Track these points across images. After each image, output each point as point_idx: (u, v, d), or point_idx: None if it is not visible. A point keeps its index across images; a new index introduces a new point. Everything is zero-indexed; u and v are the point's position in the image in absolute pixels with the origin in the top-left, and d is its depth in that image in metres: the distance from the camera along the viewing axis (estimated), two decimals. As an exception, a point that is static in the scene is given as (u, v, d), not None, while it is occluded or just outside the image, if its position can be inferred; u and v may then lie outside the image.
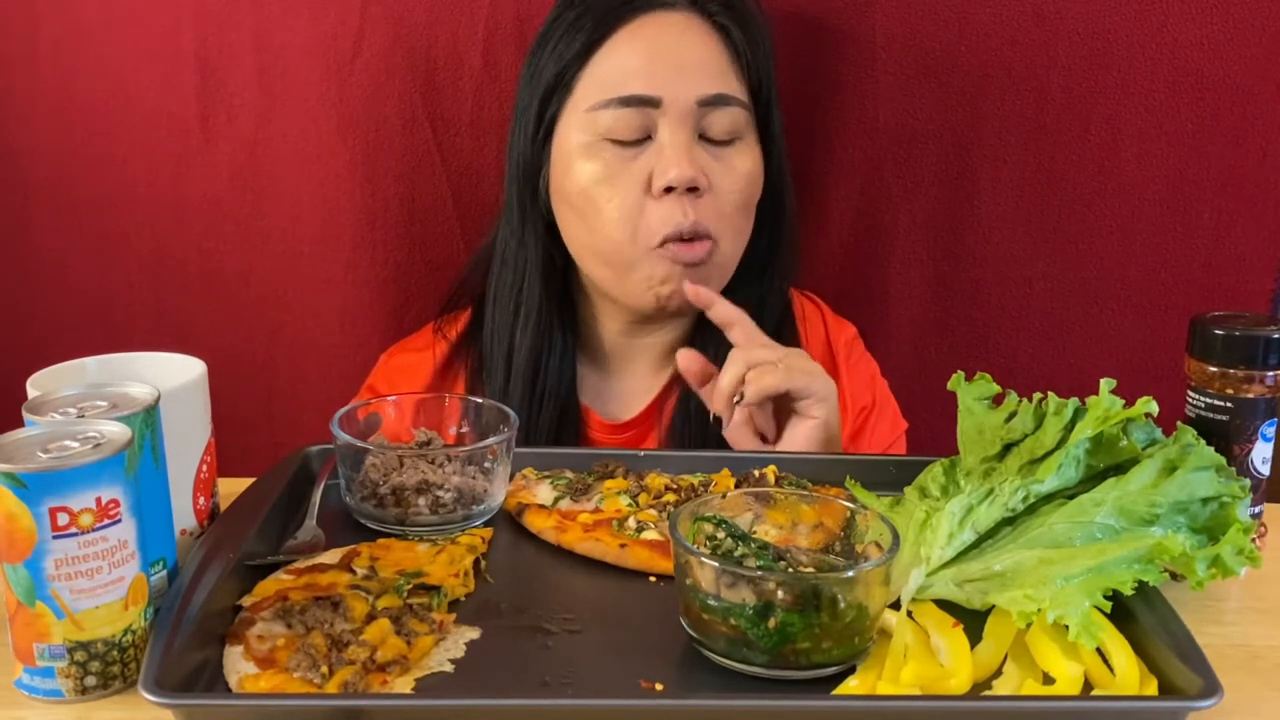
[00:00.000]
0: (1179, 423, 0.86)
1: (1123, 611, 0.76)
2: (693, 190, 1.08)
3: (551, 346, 1.19)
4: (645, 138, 1.10)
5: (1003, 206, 1.37)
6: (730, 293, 1.18)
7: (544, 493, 0.95)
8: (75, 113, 1.37)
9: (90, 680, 0.70)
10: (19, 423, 0.74)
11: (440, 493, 0.90)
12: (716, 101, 1.10)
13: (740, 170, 1.12)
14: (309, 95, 1.36)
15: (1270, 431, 0.87)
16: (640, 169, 1.09)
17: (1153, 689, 0.72)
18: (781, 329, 1.23)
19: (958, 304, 1.41)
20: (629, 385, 1.24)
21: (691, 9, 1.12)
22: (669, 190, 1.08)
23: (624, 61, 1.10)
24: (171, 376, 0.84)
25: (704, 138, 1.11)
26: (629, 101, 1.08)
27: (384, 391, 1.22)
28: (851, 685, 0.72)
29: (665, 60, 1.10)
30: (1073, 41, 1.31)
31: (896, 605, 0.78)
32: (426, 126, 1.37)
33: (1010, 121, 1.35)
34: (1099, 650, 0.74)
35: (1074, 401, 0.85)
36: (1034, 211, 1.37)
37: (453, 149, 1.38)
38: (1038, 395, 0.87)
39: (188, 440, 0.84)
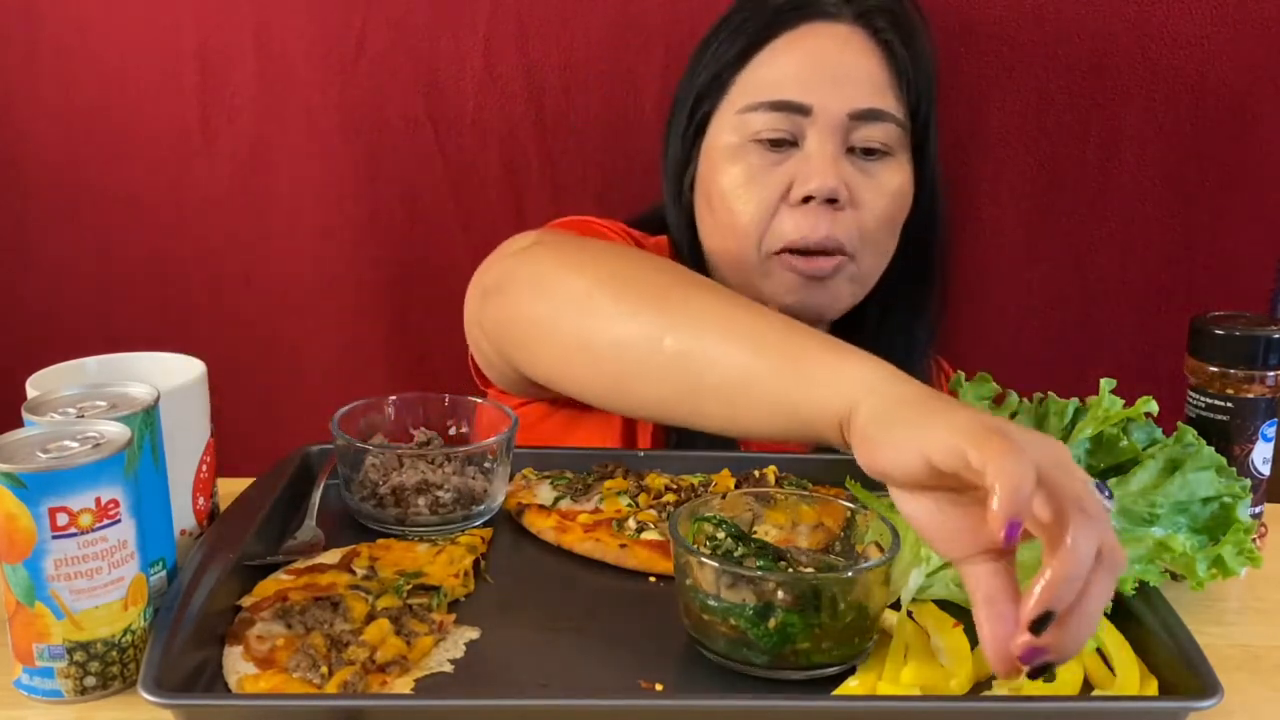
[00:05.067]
0: (1179, 423, 0.86)
1: (1123, 612, 0.76)
2: (831, 202, 1.06)
3: None
4: (793, 145, 1.09)
5: (1003, 207, 1.37)
6: (877, 318, 1.17)
7: (544, 493, 0.95)
8: (75, 113, 1.37)
9: (90, 680, 0.70)
10: (19, 423, 0.74)
11: (440, 493, 0.90)
12: (868, 116, 1.08)
13: (888, 187, 1.10)
14: (310, 96, 1.36)
15: (1270, 431, 0.87)
16: (782, 175, 1.07)
17: (1153, 689, 0.72)
18: (925, 379, 1.22)
19: (958, 305, 1.41)
20: None
21: (856, 22, 1.10)
22: (807, 200, 1.06)
23: (780, 67, 1.09)
24: (171, 376, 0.84)
25: (854, 151, 1.09)
26: (779, 106, 1.08)
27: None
28: (852, 686, 0.72)
29: (821, 70, 1.08)
30: (1073, 42, 1.31)
31: (897, 605, 0.78)
32: (428, 127, 1.37)
33: (1010, 122, 1.35)
34: (1099, 650, 0.74)
35: (1074, 401, 0.85)
36: (1034, 212, 1.37)
37: (454, 149, 1.38)
38: (1038, 395, 0.87)
39: (187, 440, 0.84)
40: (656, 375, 0.82)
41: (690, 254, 1.17)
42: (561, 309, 0.89)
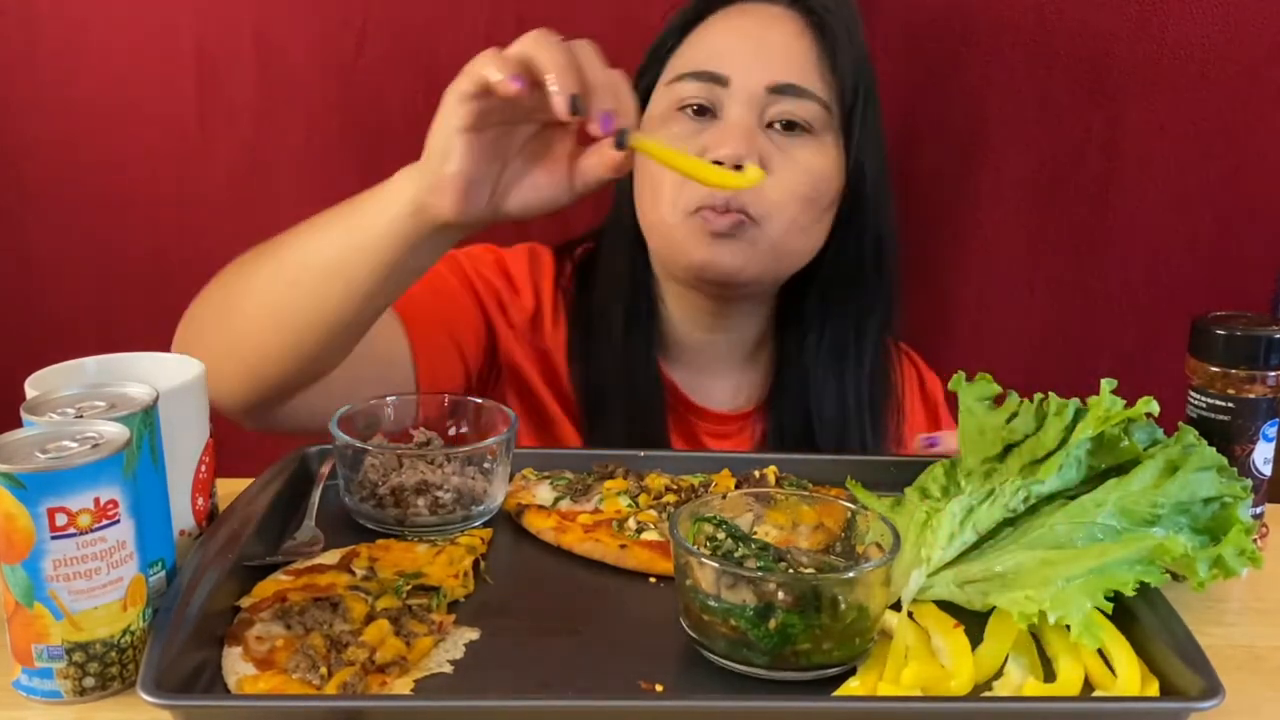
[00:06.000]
0: (1180, 423, 0.86)
1: (1124, 612, 0.76)
2: (738, 169, 1.07)
3: (639, 315, 1.21)
4: (714, 116, 1.12)
5: (1004, 207, 1.37)
6: (815, 308, 1.19)
7: (544, 493, 0.95)
8: (75, 113, 1.37)
9: (89, 681, 0.70)
10: (18, 423, 0.74)
11: (440, 493, 0.89)
12: (786, 90, 1.10)
13: (802, 163, 1.11)
14: (311, 96, 1.36)
15: (1271, 432, 0.87)
16: (699, 144, 1.10)
17: (1154, 690, 0.71)
18: (882, 371, 1.23)
19: (959, 305, 1.41)
20: (713, 380, 1.24)
21: (792, 7, 1.14)
22: (717, 164, 1.07)
23: (709, 41, 1.14)
24: (170, 376, 0.84)
25: (774, 126, 1.11)
26: (700, 76, 1.11)
27: (466, 266, 1.20)
28: (852, 686, 0.71)
29: (744, 44, 1.12)
30: (1074, 41, 1.31)
31: (897, 606, 0.78)
32: (429, 127, 1.36)
33: (1011, 122, 1.35)
34: (1100, 651, 0.74)
35: (1075, 402, 0.85)
36: (1035, 212, 1.37)
37: (454, 149, 1.37)
38: (1038, 396, 0.87)
39: (186, 440, 0.84)
40: (309, 299, 0.91)
41: (631, 226, 1.19)
42: (219, 320, 0.98)
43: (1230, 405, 0.86)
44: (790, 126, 1.11)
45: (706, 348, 1.23)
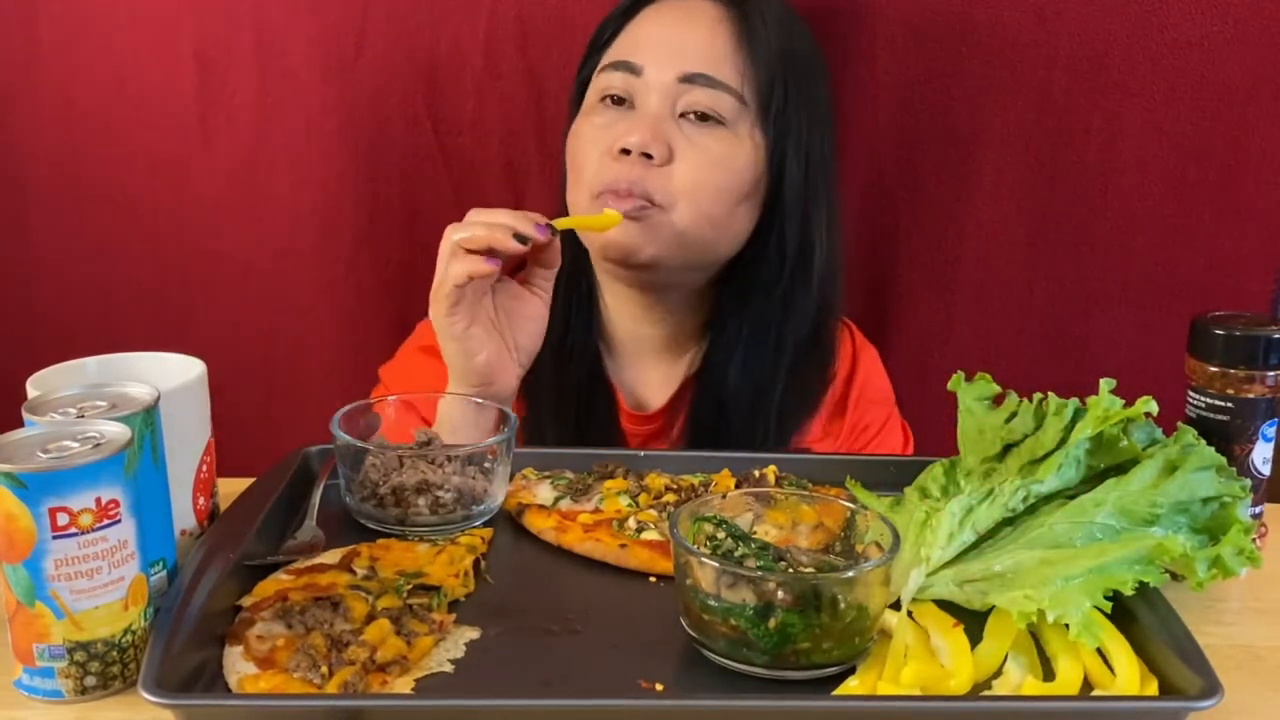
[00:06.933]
0: (1179, 423, 0.86)
1: (1123, 612, 0.76)
2: (647, 158, 1.10)
3: (579, 304, 1.22)
4: (632, 106, 1.14)
5: (1004, 207, 1.37)
6: (743, 301, 1.19)
7: (544, 493, 0.95)
8: (76, 113, 1.37)
9: (90, 680, 0.70)
10: (19, 423, 0.74)
11: (440, 493, 0.90)
12: (697, 80, 1.11)
13: (711, 152, 1.11)
14: (310, 95, 1.36)
15: (1271, 431, 0.87)
16: (615, 134, 1.12)
17: (1153, 689, 0.72)
18: (812, 351, 1.22)
19: (959, 305, 1.41)
20: (648, 375, 1.25)
21: (719, 1, 1.14)
22: (627, 153, 1.10)
23: (635, 32, 1.16)
24: (171, 376, 0.84)
25: (687, 116, 1.12)
26: (620, 66, 1.14)
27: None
28: (852, 685, 0.72)
29: (662, 36, 1.14)
30: (1074, 41, 1.31)
31: (897, 605, 0.78)
32: (428, 126, 1.37)
33: (1012, 122, 1.35)
34: (1100, 651, 0.74)
35: (1074, 402, 0.85)
36: (1035, 212, 1.37)
37: (455, 149, 1.38)
38: (1038, 395, 0.87)
39: (187, 440, 0.84)
40: None
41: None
42: None
43: (1229, 405, 0.86)
44: (703, 117, 1.12)
45: (637, 341, 1.24)
